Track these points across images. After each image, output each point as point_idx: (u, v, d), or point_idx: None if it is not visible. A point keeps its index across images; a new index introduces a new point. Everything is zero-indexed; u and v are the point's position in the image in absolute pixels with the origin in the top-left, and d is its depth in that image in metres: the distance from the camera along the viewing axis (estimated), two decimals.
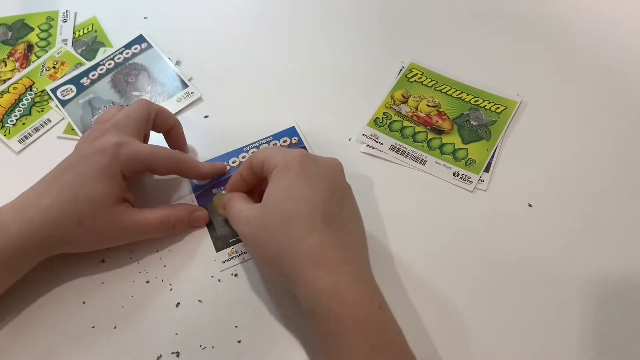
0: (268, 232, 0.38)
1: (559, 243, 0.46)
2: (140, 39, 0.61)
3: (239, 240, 0.47)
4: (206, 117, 0.55)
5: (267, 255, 0.38)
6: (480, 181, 0.49)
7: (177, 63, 0.59)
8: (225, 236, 0.47)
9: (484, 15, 0.61)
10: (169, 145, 0.51)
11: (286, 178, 0.39)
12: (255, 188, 0.45)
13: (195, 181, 0.50)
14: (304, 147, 0.52)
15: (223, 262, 0.46)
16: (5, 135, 0.55)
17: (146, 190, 0.50)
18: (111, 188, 0.42)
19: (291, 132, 0.53)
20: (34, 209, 0.41)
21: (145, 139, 0.50)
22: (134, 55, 0.60)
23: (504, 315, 0.43)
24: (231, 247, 0.47)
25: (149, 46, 0.60)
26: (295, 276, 0.36)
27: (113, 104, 0.56)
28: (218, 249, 0.47)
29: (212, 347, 0.42)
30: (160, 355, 0.42)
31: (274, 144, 0.52)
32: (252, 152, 0.51)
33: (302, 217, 0.37)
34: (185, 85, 0.57)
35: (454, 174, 0.50)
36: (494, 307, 0.43)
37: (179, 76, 0.58)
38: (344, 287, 0.35)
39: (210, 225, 0.48)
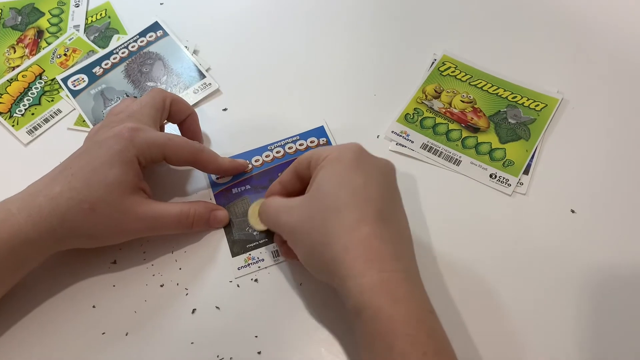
0: (315, 220, 0.35)
1: (605, 252, 0.43)
2: (155, 26, 0.57)
3: (257, 246, 0.44)
4: (225, 110, 0.52)
5: (312, 245, 0.35)
6: (519, 184, 0.46)
7: (195, 52, 0.56)
8: (243, 241, 0.44)
9: (523, 5, 0.57)
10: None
11: (339, 166, 0.37)
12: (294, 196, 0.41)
13: (214, 177, 0.47)
14: None
15: (238, 269, 0.43)
16: (13, 125, 0.52)
17: (160, 183, 0.46)
18: (126, 173, 0.39)
19: (319, 132, 0.49)
20: (43, 197, 0.38)
21: (161, 129, 0.47)
22: (149, 43, 0.56)
23: (543, 323, 0.40)
24: (248, 253, 0.44)
25: (165, 34, 0.57)
26: (342, 268, 0.33)
27: (126, 95, 0.53)
28: (234, 254, 0.44)
29: (230, 358, 0.39)
30: None
31: (300, 145, 0.48)
32: (277, 151, 0.48)
33: (354, 207, 0.34)
34: (202, 76, 0.54)
35: (490, 176, 0.46)
36: (532, 316, 0.40)
37: (196, 66, 0.54)
38: (395, 286, 0.32)
39: (227, 227, 0.45)
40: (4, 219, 0.37)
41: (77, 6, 0.60)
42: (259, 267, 0.43)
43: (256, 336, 0.40)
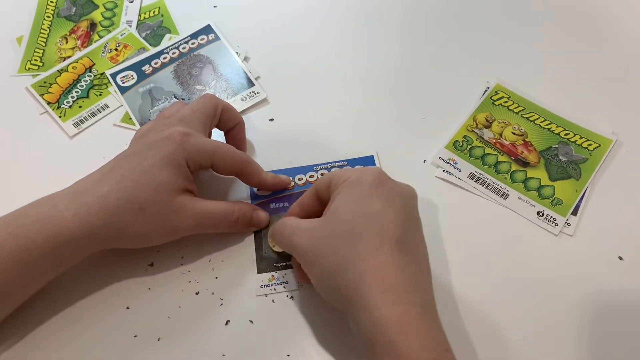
0: (330, 245, 0.34)
1: None
2: (207, 29, 0.57)
3: (286, 267, 0.43)
4: (271, 120, 0.52)
5: (324, 270, 0.35)
6: (566, 224, 0.45)
7: (245, 59, 0.55)
8: (271, 259, 0.44)
9: (583, 40, 0.56)
10: None
11: (358, 191, 0.36)
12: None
13: (255, 190, 0.47)
14: None
15: (261, 287, 0.42)
16: (60, 116, 0.52)
17: (203, 189, 0.46)
18: (176, 176, 0.39)
19: (369, 161, 0.48)
20: (92, 195, 0.38)
21: (209, 135, 0.47)
22: (200, 46, 0.56)
23: None
24: (272, 273, 0.43)
25: (217, 38, 0.57)
26: (355, 295, 0.32)
27: (174, 96, 0.53)
28: (260, 271, 0.43)
29: None
30: None
31: None
32: (321, 173, 0.47)
33: (372, 234, 0.34)
34: (251, 83, 0.54)
35: (537, 213, 0.45)
36: None
37: (246, 73, 0.54)
38: (410, 320, 0.31)
39: (258, 242, 0.44)
40: (51, 215, 0.37)
41: (131, 2, 0.60)
42: (284, 287, 0.42)
43: (288, 355, 0.40)
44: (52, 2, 0.60)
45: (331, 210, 0.36)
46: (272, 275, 0.43)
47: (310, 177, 0.47)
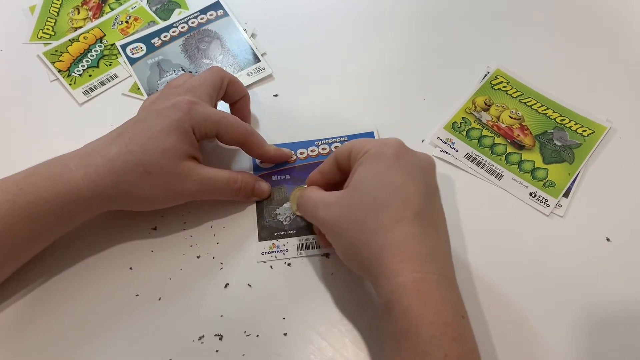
0: (353, 218, 0.36)
1: (635, 283, 0.43)
2: (216, 5, 0.59)
3: (286, 235, 0.45)
4: (276, 95, 0.53)
5: (348, 241, 0.36)
6: (557, 206, 0.46)
7: (252, 35, 0.57)
8: (272, 227, 0.45)
9: (581, 29, 0.57)
10: None
11: (379, 163, 0.37)
12: (333, 187, 0.42)
13: (257, 161, 0.48)
14: None
15: (262, 254, 0.44)
16: (70, 84, 0.54)
17: (207, 159, 0.47)
18: (182, 142, 0.41)
19: (369, 137, 0.49)
20: (100, 157, 0.39)
21: (215, 107, 0.48)
22: (209, 21, 0.58)
23: (559, 346, 0.40)
24: (273, 241, 0.44)
25: (225, 14, 0.58)
26: (377, 265, 0.34)
27: (182, 69, 0.54)
28: (261, 239, 0.45)
29: (257, 336, 0.40)
30: (203, 336, 0.41)
31: None
32: (322, 148, 0.49)
33: (393, 206, 0.35)
34: (257, 59, 0.55)
35: (530, 194, 0.47)
36: (550, 340, 0.41)
37: (252, 49, 0.56)
38: (428, 287, 0.33)
39: (260, 211, 0.46)
40: (61, 173, 0.39)
41: None
42: (284, 254, 0.44)
43: (284, 318, 0.41)
44: None
45: (353, 183, 0.37)
46: (273, 243, 0.45)
47: (312, 151, 0.49)
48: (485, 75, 0.53)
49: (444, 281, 0.34)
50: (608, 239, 0.45)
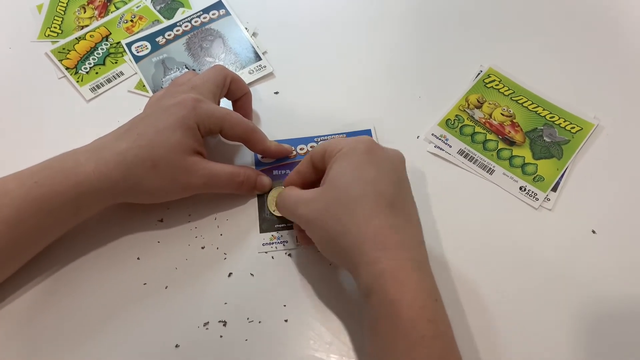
0: (331, 212, 0.38)
1: (619, 275, 0.45)
2: (219, 5, 0.60)
3: (286, 227, 0.47)
4: (276, 93, 0.55)
5: (328, 235, 0.38)
6: (546, 200, 0.48)
7: (254, 35, 0.59)
8: (272, 220, 0.47)
9: (571, 30, 0.59)
10: None
11: (351, 160, 0.39)
12: (310, 186, 0.44)
13: (259, 156, 0.50)
14: None
15: (263, 245, 0.46)
16: (78, 81, 0.55)
17: (211, 155, 0.49)
18: (187, 137, 0.43)
19: (366, 134, 0.51)
20: (110, 152, 0.41)
21: (218, 104, 0.50)
22: (212, 20, 0.59)
23: (539, 337, 0.42)
24: (273, 233, 0.47)
25: (227, 13, 0.60)
26: (356, 255, 0.36)
27: (186, 67, 0.56)
28: (262, 231, 0.47)
29: (259, 322, 0.43)
30: (208, 322, 0.43)
31: None
32: None
33: (367, 199, 0.37)
34: (258, 58, 0.57)
35: (520, 188, 0.49)
36: (530, 328, 0.43)
37: (254, 48, 0.57)
38: (402, 274, 0.35)
39: (261, 204, 0.48)
40: (73, 167, 0.41)
41: None
42: (283, 245, 0.46)
43: (284, 305, 0.43)
44: None
45: (329, 180, 0.39)
46: (273, 235, 0.47)
47: (311, 147, 0.51)
48: (479, 74, 0.55)
49: (418, 267, 0.36)
50: (594, 231, 0.47)
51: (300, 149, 0.51)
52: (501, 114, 0.53)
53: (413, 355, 0.33)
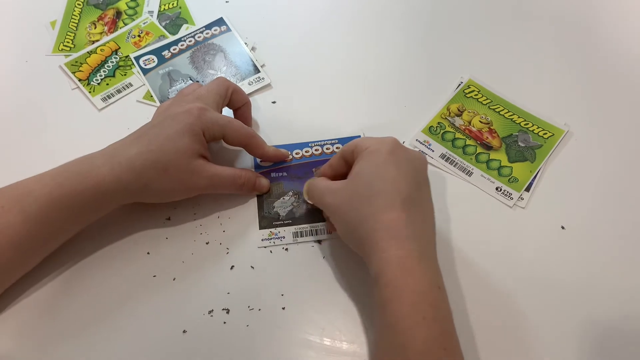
0: (353, 203, 0.42)
1: (586, 266, 0.50)
2: (220, 22, 0.65)
3: (283, 225, 0.51)
4: (274, 102, 0.60)
5: (348, 222, 0.43)
6: (520, 199, 0.53)
7: (253, 49, 0.63)
8: (270, 218, 0.52)
9: (544, 46, 0.64)
10: None
11: (376, 158, 0.44)
12: (340, 178, 0.48)
13: (258, 160, 0.55)
14: None
15: (262, 240, 0.51)
16: (90, 92, 0.60)
17: (214, 158, 0.54)
18: (194, 142, 0.47)
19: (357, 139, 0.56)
20: (123, 156, 0.46)
21: (220, 112, 0.54)
22: (214, 36, 0.64)
23: (518, 327, 0.47)
24: (271, 229, 0.51)
25: (228, 29, 0.65)
26: (369, 243, 0.41)
27: (190, 78, 0.61)
28: (261, 227, 0.51)
29: (259, 310, 0.47)
30: (212, 310, 0.47)
31: (337, 148, 0.56)
32: (315, 149, 0.56)
33: (385, 195, 0.42)
34: (257, 70, 0.62)
35: (496, 189, 0.53)
36: (507, 316, 0.47)
37: (253, 61, 0.62)
38: (409, 262, 0.39)
39: (260, 203, 0.52)
40: (90, 170, 0.45)
41: None
42: (280, 240, 0.50)
43: (282, 295, 0.48)
44: None
45: (353, 174, 0.44)
46: (271, 232, 0.51)
47: (306, 152, 0.56)
48: (459, 85, 0.60)
49: (424, 258, 0.40)
50: (563, 227, 0.52)
51: (296, 154, 0.55)
52: (479, 121, 0.58)
53: (414, 334, 0.37)
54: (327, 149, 0.56)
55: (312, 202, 0.49)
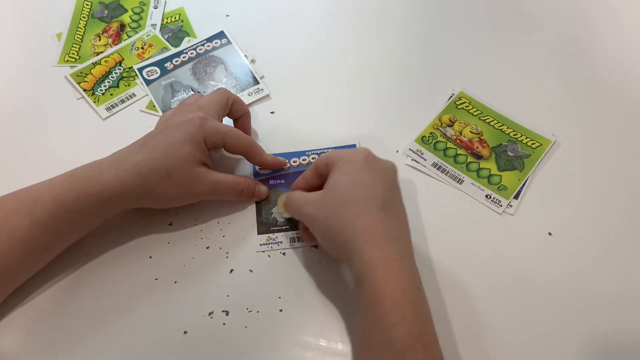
0: (331, 211, 0.44)
1: (571, 271, 0.52)
2: (221, 35, 0.68)
3: (280, 230, 0.53)
4: (272, 113, 0.62)
5: (327, 230, 0.45)
6: (509, 206, 0.55)
7: (252, 61, 0.66)
8: (268, 223, 0.54)
9: (533, 59, 0.67)
10: None
11: (351, 167, 0.46)
12: (313, 190, 0.50)
13: (257, 168, 0.57)
14: None
15: (260, 245, 0.52)
16: (95, 102, 0.62)
17: (215, 166, 0.56)
18: (196, 150, 0.49)
19: (352, 148, 0.58)
20: (129, 162, 0.48)
21: (221, 122, 0.56)
22: (214, 48, 0.67)
23: (509, 329, 0.49)
24: (269, 235, 0.53)
25: (229, 42, 0.67)
26: (350, 246, 0.42)
27: (192, 89, 0.63)
28: (259, 232, 0.53)
29: (257, 312, 0.49)
30: (212, 312, 0.49)
31: None
32: (312, 157, 0.58)
33: (362, 200, 0.44)
34: (256, 82, 0.64)
35: (486, 196, 0.56)
36: (496, 317, 0.49)
37: (252, 73, 0.65)
38: (389, 263, 0.41)
39: (259, 209, 0.54)
40: (97, 175, 0.47)
41: (156, 8, 0.70)
42: (278, 245, 0.52)
43: (279, 297, 0.49)
44: (87, 4, 0.70)
45: (330, 184, 0.46)
46: (269, 237, 0.53)
47: (303, 160, 0.58)
48: (451, 96, 0.63)
49: (403, 259, 0.42)
50: (550, 233, 0.54)
51: (294, 162, 0.57)
52: (470, 131, 0.60)
53: (395, 331, 0.39)
54: None
55: (290, 215, 0.50)
